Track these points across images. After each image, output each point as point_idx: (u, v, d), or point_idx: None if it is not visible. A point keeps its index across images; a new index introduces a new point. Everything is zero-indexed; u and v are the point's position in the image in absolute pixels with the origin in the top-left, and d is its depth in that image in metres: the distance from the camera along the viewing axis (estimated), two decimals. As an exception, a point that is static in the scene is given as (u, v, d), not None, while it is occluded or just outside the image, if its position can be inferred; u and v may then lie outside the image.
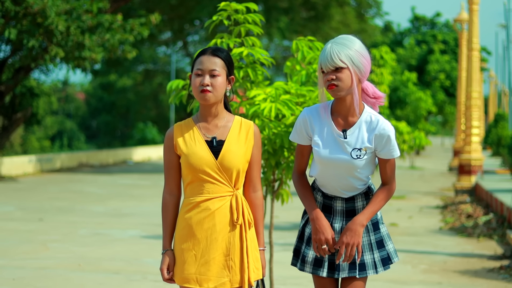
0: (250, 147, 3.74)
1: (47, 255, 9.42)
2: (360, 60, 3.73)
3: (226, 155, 3.68)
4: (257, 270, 3.72)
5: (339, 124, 3.82)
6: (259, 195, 3.79)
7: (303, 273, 8.12)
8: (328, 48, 3.73)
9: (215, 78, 3.68)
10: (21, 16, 18.99)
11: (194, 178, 3.69)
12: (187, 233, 3.69)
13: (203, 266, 3.67)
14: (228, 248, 3.68)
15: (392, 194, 3.90)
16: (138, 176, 25.07)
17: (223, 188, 3.68)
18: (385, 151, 3.81)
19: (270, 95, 5.54)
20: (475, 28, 18.29)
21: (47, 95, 29.44)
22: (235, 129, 3.74)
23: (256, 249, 3.76)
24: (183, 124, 3.79)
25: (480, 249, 10.46)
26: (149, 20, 21.91)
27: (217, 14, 5.71)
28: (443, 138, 75.34)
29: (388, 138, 3.79)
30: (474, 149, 18.28)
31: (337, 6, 32.70)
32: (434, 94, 42.46)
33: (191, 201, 3.69)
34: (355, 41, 3.76)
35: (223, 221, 3.68)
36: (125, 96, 53.61)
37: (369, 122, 3.80)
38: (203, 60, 3.70)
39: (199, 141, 3.71)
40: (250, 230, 3.73)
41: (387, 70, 17.53)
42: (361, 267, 3.85)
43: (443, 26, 51.55)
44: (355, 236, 3.77)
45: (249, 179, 3.77)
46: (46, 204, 15.43)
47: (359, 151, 3.78)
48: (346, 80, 3.72)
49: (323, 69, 3.75)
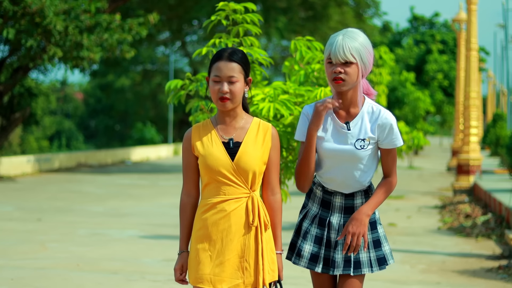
0: (267, 149, 3.73)
1: (46, 255, 9.41)
2: (367, 57, 3.78)
3: (242, 157, 3.67)
4: (272, 272, 3.71)
5: (341, 116, 3.85)
6: (277, 198, 3.78)
7: (302, 272, 8.13)
8: (340, 40, 3.75)
9: (234, 85, 3.66)
10: (19, 16, 18.99)
11: (211, 180, 3.68)
12: (203, 234, 3.69)
13: (217, 267, 3.66)
14: (243, 249, 3.67)
15: (393, 187, 3.92)
16: (136, 176, 25.06)
17: (239, 190, 3.67)
18: (388, 140, 3.84)
19: (268, 95, 5.54)
20: (473, 28, 18.30)
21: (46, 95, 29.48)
22: (252, 131, 3.73)
23: (273, 251, 3.74)
24: (201, 125, 3.78)
25: (478, 249, 10.47)
26: (147, 20, 21.90)
27: (216, 14, 5.71)
28: (442, 138, 75.36)
29: (390, 127, 3.83)
30: (473, 149, 18.28)
31: (335, 6, 32.71)
32: (432, 94, 42.45)
33: (208, 202, 3.69)
34: (364, 37, 3.80)
35: (239, 222, 3.67)
36: (124, 96, 53.60)
37: (371, 112, 3.84)
38: (220, 67, 3.66)
39: (216, 142, 3.70)
40: (266, 232, 3.71)
41: (385, 70, 17.54)
42: (356, 264, 3.85)
43: (441, 26, 51.56)
44: (361, 226, 3.79)
45: (267, 181, 3.76)
46: (45, 204, 15.42)
47: (362, 142, 3.81)
48: (353, 75, 3.76)
49: (332, 60, 3.77)
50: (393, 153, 3.89)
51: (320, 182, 3.94)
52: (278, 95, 5.56)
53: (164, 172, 27.20)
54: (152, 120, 51.61)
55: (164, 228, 11.97)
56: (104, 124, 55.19)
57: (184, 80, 5.77)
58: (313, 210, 3.94)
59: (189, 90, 5.71)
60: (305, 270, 7.84)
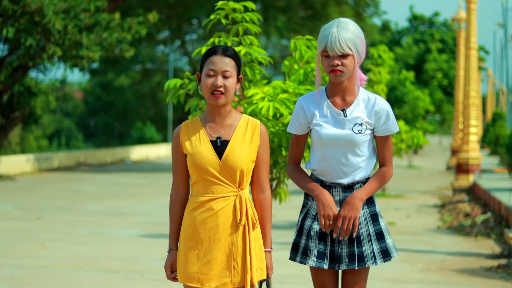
0: (255, 147, 3.73)
1: (45, 254, 9.41)
2: (361, 46, 3.84)
3: (229, 155, 3.67)
4: (260, 271, 3.71)
5: (337, 104, 3.89)
6: (267, 196, 3.78)
7: (301, 272, 8.14)
8: (335, 33, 3.77)
9: (228, 79, 3.67)
10: (18, 14, 18.98)
11: (199, 178, 3.69)
12: (191, 232, 3.70)
13: (205, 266, 3.67)
14: (231, 248, 3.67)
15: (389, 176, 3.95)
16: (136, 175, 25.06)
17: (227, 189, 3.67)
18: (384, 127, 3.89)
19: (268, 94, 5.54)
20: (473, 27, 18.30)
21: (45, 94, 29.46)
22: (240, 129, 3.73)
23: (261, 250, 3.74)
24: (190, 123, 3.78)
25: (478, 248, 10.47)
26: (147, 19, 21.89)
27: (215, 13, 5.71)
28: (441, 137, 75.37)
29: (387, 113, 3.89)
30: (472, 148, 18.29)
31: (335, 5, 32.70)
32: (432, 93, 42.46)
33: (196, 200, 3.70)
34: (355, 25, 3.84)
35: (227, 221, 3.67)
36: (123, 95, 53.60)
37: (367, 100, 3.90)
38: (215, 61, 3.67)
39: (204, 141, 3.70)
40: (255, 230, 3.72)
41: (385, 69, 17.55)
42: (360, 258, 3.86)
43: (441, 25, 51.58)
44: (352, 210, 3.81)
45: (257, 179, 3.76)
46: (44, 203, 15.42)
47: (360, 126, 3.85)
48: (350, 66, 3.81)
49: (329, 53, 3.79)
50: (388, 141, 3.93)
51: (318, 177, 3.94)
52: (278, 94, 5.55)
53: (163, 171, 27.19)
54: (152, 119, 51.63)
55: (163, 227, 11.96)
56: (104, 123, 55.19)
57: (183, 79, 5.77)
58: (314, 208, 3.94)
59: (188, 89, 5.71)
60: (305, 269, 7.84)
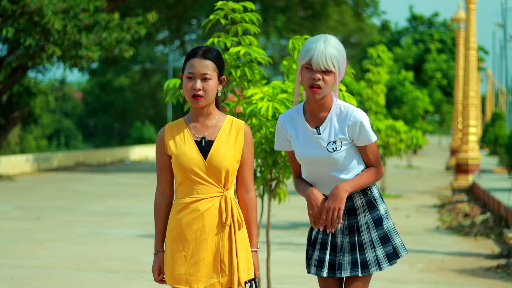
0: (240, 147, 3.73)
1: (44, 254, 9.41)
2: (343, 65, 3.80)
3: (214, 156, 3.67)
4: (248, 270, 3.71)
5: (312, 121, 3.86)
6: (252, 196, 3.78)
7: (300, 272, 8.14)
8: (322, 48, 3.74)
9: (207, 82, 3.68)
10: (18, 14, 18.97)
11: (184, 179, 3.69)
12: (177, 234, 3.69)
13: (192, 267, 3.67)
14: (218, 249, 3.67)
15: (380, 175, 3.91)
16: (135, 175, 25.06)
17: (213, 189, 3.67)
18: (361, 138, 3.84)
19: (267, 94, 5.54)
20: (472, 27, 18.30)
21: (44, 94, 29.42)
22: (225, 129, 3.73)
23: (248, 250, 3.74)
24: (174, 125, 3.79)
25: (477, 248, 10.48)
26: (146, 19, 21.87)
27: (214, 13, 5.71)
28: (440, 137, 75.36)
29: (361, 124, 3.82)
30: (471, 148, 18.30)
31: (334, 5, 32.72)
32: (431, 93, 42.43)
33: (181, 202, 3.69)
34: (341, 45, 3.83)
35: (212, 222, 3.67)
36: (123, 95, 53.58)
37: (339, 113, 3.84)
38: (194, 64, 3.69)
39: (189, 141, 3.71)
40: (241, 230, 3.71)
41: (384, 69, 17.54)
42: (363, 265, 3.85)
43: (440, 25, 51.56)
44: (336, 201, 3.79)
45: (241, 179, 3.76)
46: (44, 203, 15.42)
47: (334, 144, 3.82)
48: (330, 83, 3.77)
49: (313, 67, 3.76)
50: (371, 148, 3.88)
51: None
52: (277, 94, 5.56)
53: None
54: (151, 119, 51.60)
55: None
56: (103, 123, 55.18)
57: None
58: None
59: (181, 92, 5.70)
60: (304, 270, 7.85)
